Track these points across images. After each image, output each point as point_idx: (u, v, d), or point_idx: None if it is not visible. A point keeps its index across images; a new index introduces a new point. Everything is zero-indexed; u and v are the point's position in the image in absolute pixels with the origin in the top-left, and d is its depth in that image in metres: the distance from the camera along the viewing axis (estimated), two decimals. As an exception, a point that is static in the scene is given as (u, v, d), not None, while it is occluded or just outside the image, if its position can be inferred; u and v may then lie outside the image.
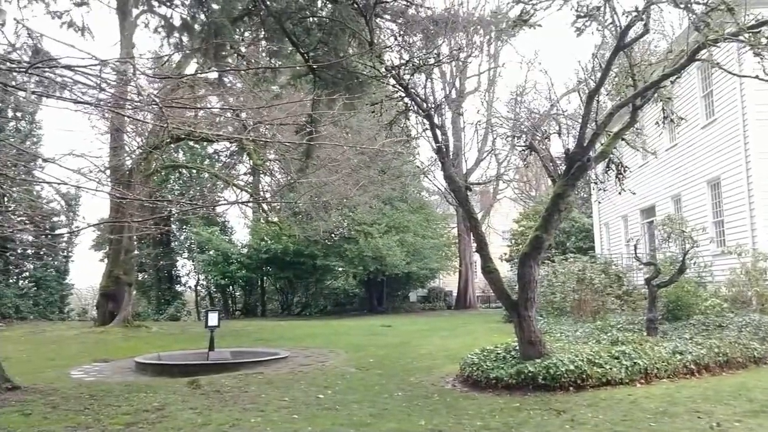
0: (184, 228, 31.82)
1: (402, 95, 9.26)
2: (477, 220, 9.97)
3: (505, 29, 9.65)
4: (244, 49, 9.27)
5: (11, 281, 27.08)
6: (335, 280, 33.69)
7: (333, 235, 27.84)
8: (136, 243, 23.78)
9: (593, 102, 8.59)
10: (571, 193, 9.00)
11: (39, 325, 22.58)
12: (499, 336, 12.83)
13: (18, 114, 26.62)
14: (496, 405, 7.15)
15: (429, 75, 9.54)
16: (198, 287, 34.20)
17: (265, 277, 33.10)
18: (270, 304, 34.45)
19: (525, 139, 10.77)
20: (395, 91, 9.57)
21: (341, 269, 30.45)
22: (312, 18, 8.39)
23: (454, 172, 9.84)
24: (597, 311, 14.24)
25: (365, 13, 8.03)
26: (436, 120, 9.27)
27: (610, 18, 8.07)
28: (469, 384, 8.45)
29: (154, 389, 8.70)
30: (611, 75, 9.35)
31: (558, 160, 9.89)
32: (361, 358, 12.12)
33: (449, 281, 40.04)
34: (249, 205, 30.94)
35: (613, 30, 8.23)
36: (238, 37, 8.39)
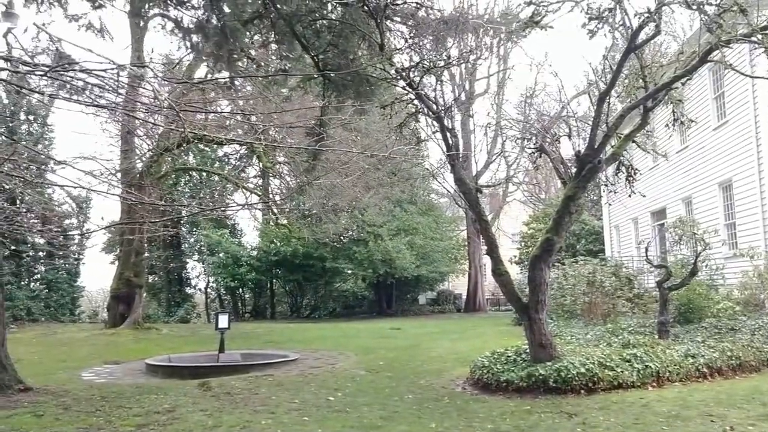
0: (194, 230, 31.90)
1: (412, 97, 9.27)
2: (487, 222, 9.94)
3: (516, 30, 9.62)
4: (254, 52, 9.29)
5: (23, 283, 27.27)
6: (344, 282, 33.66)
7: (342, 238, 27.89)
8: (146, 245, 23.87)
9: (604, 104, 8.56)
10: (582, 196, 8.96)
11: (50, 327, 22.78)
12: (509, 339, 12.79)
13: (30, 117, 26.86)
14: (506, 408, 7.12)
15: (439, 77, 9.53)
16: (208, 289, 34.28)
17: (275, 280, 33.17)
18: (279, 306, 34.51)
19: (535, 142, 10.74)
20: (405, 94, 9.57)
21: (350, 272, 30.47)
22: (322, 20, 8.39)
23: (464, 174, 9.83)
24: (608, 314, 14.13)
25: (376, 16, 8.00)
26: (446, 122, 9.26)
27: (621, 19, 8.04)
28: (480, 387, 8.43)
29: (164, 391, 8.73)
30: (622, 77, 9.30)
31: (568, 162, 9.85)
32: (371, 360, 12.11)
33: (458, 284, 39.91)
34: (259, 208, 31.08)
35: (624, 32, 8.20)
36: (248, 40, 8.41)
